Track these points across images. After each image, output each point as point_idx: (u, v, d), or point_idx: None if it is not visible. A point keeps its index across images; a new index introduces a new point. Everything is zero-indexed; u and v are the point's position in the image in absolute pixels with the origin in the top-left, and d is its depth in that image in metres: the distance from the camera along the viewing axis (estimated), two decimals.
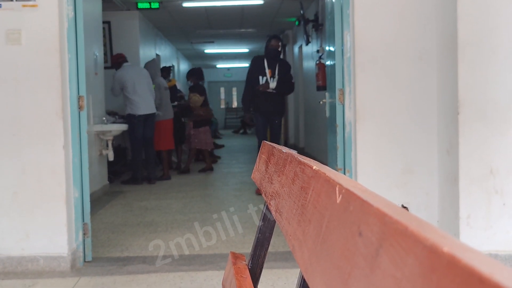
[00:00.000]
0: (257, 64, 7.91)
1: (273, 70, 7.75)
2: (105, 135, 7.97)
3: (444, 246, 0.51)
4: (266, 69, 7.76)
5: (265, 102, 7.78)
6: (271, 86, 7.72)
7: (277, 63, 7.82)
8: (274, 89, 7.74)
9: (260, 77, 7.78)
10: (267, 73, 7.74)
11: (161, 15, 12.19)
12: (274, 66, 7.77)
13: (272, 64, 7.78)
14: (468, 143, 3.92)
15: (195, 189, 8.35)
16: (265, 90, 7.71)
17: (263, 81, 7.75)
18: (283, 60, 8.20)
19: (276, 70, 7.76)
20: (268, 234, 1.78)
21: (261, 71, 7.79)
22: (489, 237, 3.96)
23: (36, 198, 4.22)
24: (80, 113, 4.41)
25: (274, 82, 7.72)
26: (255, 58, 8.15)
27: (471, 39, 3.90)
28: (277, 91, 7.78)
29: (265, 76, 7.75)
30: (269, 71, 7.74)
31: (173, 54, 17.80)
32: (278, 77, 7.73)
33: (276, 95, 7.83)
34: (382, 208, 0.66)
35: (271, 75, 7.72)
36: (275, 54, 7.88)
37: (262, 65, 7.83)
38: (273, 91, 7.75)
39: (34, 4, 4.17)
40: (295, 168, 1.29)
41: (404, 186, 4.36)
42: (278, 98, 7.91)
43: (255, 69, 7.88)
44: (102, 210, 6.79)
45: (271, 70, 7.74)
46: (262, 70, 7.78)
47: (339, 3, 4.50)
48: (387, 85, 4.34)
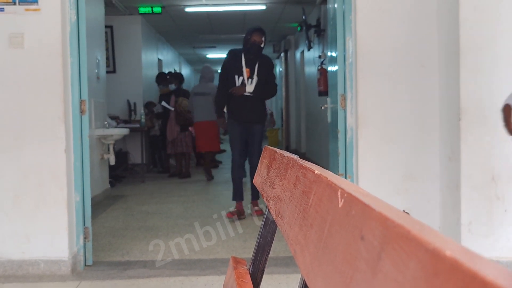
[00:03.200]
0: (233, 60, 6.50)
1: (252, 70, 6.38)
2: (107, 139, 7.97)
3: (446, 250, 0.50)
4: (244, 67, 6.39)
5: (241, 107, 6.40)
6: (248, 90, 6.35)
7: (257, 61, 6.42)
8: (251, 93, 6.37)
9: (236, 76, 6.40)
10: (244, 73, 6.38)
11: (164, 20, 12.21)
12: (253, 65, 6.40)
13: (251, 62, 6.41)
14: (470, 149, 3.92)
15: (196, 193, 8.35)
16: (239, 94, 6.37)
17: (239, 82, 6.40)
18: (264, 57, 6.59)
19: (255, 70, 6.39)
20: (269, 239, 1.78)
21: (237, 69, 6.40)
22: (491, 244, 3.96)
23: (37, 202, 4.22)
24: (82, 117, 4.41)
25: (251, 85, 6.36)
26: (232, 52, 6.61)
27: (473, 45, 3.90)
28: (254, 95, 6.39)
29: (242, 76, 6.39)
30: (246, 71, 6.38)
31: (175, 58, 17.83)
32: (258, 78, 6.37)
33: (254, 100, 6.42)
34: (384, 212, 0.66)
35: (249, 76, 6.38)
36: (256, 51, 6.41)
37: (239, 62, 6.43)
38: (250, 95, 6.38)
39: (37, 8, 4.17)
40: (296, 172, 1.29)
41: (406, 192, 4.35)
42: (256, 103, 6.45)
43: (231, 66, 6.47)
44: (103, 214, 6.78)
45: (250, 70, 6.38)
46: (239, 68, 6.40)
47: (341, 9, 4.50)
48: (389, 91, 4.34)
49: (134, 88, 11.18)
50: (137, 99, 11.13)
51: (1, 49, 4.19)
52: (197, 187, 9.06)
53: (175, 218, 6.46)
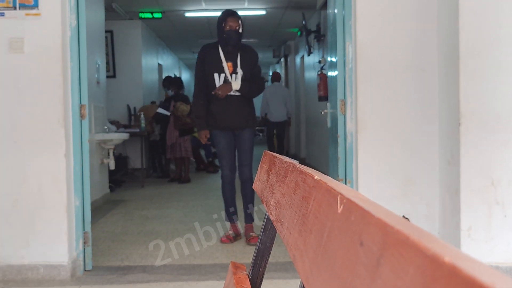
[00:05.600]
0: (209, 56, 5.40)
1: (234, 63, 5.35)
2: (107, 144, 7.98)
3: (445, 256, 0.51)
4: (224, 62, 5.34)
5: (225, 111, 5.34)
6: (234, 87, 5.29)
7: (238, 52, 5.39)
8: (238, 91, 5.33)
9: (215, 74, 5.33)
10: (225, 68, 5.32)
11: (164, 25, 12.24)
12: (234, 57, 5.37)
13: (231, 55, 5.37)
14: (470, 154, 3.92)
15: (196, 198, 8.35)
16: (225, 94, 5.29)
17: (220, 81, 5.34)
18: (246, 46, 5.57)
19: (238, 62, 5.36)
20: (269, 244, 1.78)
21: (216, 65, 5.34)
22: (491, 249, 3.95)
23: (37, 206, 4.22)
24: (82, 122, 4.41)
25: (237, 80, 5.31)
26: (205, 48, 5.55)
27: (473, 50, 3.91)
28: (242, 93, 5.35)
29: (223, 73, 5.33)
30: (228, 65, 5.33)
31: (175, 63, 17.86)
32: (243, 72, 5.35)
33: (241, 99, 5.37)
34: (383, 218, 0.66)
35: (231, 71, 5.33)
36: (235, 39, 5.34)
37: (216, 57, 5.37)
38: (236, 94, 5.34)
39: (37, 12, 4.18)
40: (296, 178, 1.29)
41: (405, 197, 4.35)
42: (244, 103, 5.40)
43: (207, 64, 5.37)
44: (103, 219, 6.78)
45: (232, 63, 5.35)
46: (218, 64, 5.33)
47: (341, 14, 4.51)
48: (388, 96, 4.35)
49: (134, 93, 11.20)
50: (137, 104, 11.14)
51: (1, 54, 4.19)
52: (197, 192, 9.06)
53: (174, 222, 6.46)
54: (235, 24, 5.32)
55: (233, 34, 5.30)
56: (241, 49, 5.42)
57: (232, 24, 5.30)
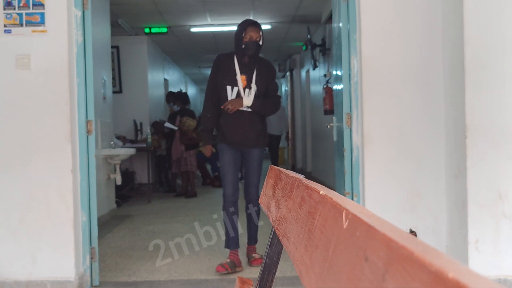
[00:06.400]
0: (224, 67, 5.04)
1: (249, 77, 4.99)
2: (113, 159, 7.99)
3: (449, 272, 0.51)
4: (238, 74, 4.98)
5: (235, 127, 4.97)
6: (245, 103, 4.93)
7: (254, 66, 5.02)
8: (250, 107, 4.96)
9: (228, 87, 4.98)
10: (239, 82, 4.96)
11: (169, 40, 12.29)
12: (250, 71, 5.00)
13: (248, 68, 5.01)
14: (476, 167, 3.91)
15: (202, 213, 8.34)
16: (235, 109, 4.94)
17: (233, 94, 4.98)
18: (264, 61, 5.20)
19: (253, 77, 4.99)
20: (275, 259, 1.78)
21: (230, 77, 4.98)
22: (499, 262, 3.93)
23: (44, 222, 4.22)
24: (88, 137, 4.43)
25: (249, 96, 4.94)
26: (221, 57, 5.15)
27: (478, 63, 3.91)
28: (254, 109, 4.98)
29: (237, 86, 4.97)
30: (242, 78, 4.97)
31: (181, 78, 17.91)
32: (257, 88, 4.98)
33: (252, 116, 4.99)
34: (388, 234, 0.66)
35: (245, 85, 4.96)
36: (254, 51, 4.98)
37: (231, 68, 5.01)
38: (247, 110, 4.97)
39: (44, 29, 4.21)
40: (302, 193, 1.29)
41: (412, 211, 4.34)
42: (256, 120, 5.02)
43: (221, 75, 5.02)
44: (110, 234, 6.78)
45: (246, 77, 4.98)
46: (232, 76, 4.98)
47: (346, 28, 4.52)
48: (394, 110, 4.35)
49: (141, 108, 11.23)
50: (143, 119, 11.17)
51: (9, 71, 4.22)
52: (203, 206, 9.05)
53: (181, 237, 6.44)
54: (256, 34, 4.98)
55: (253, 45, 4.94)
56: (258, 63, 5.05)
57: (253, 34, 4.96)
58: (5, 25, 4.21)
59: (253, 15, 10.27)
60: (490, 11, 3.93)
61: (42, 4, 4.20)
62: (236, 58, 5.00)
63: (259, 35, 4.99)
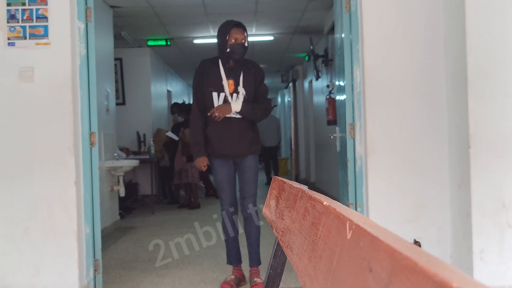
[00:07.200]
0: (208, 73, 4.68)
1: (236, 81, 4.64)
2: (117, 171, 7.99)
3: (453, 282, 0.51)
4: (224, 79, 4.62)
5: (225, 136, 4.62)
6: (234, 108, 4.56)
7: (241, 69, 4.67)
8: (239, 113, 4.60)
9: (214, 93, 4.61)
10: (225, 87, 4.61)
11: (172, 52, 12.32)
12: (237, 74, 4.65)
13: (234, 71, 4.65)
14: (480, 177, 3.90)
15: (206, 224, 8.33)
16: (223, 116, 4.55)
17: (219, 101, 4.61)
18: (250, 62, 4.83)
19: (240, 81, 4.64)
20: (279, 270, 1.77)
21: (215, 83, 4.62)
22: (503, 272, 3.92)
23: (47, 234, 4.22)
24: (92, 149, 4.44)
25: (238, 102, 4.58)
26: (204, 63, 4.78)
27: (481, 72, 3.92)
28: (243, 116, 4.61)
29: (223, 92, 4.61)
30: (229, 83, 4.62)
31: (184, 89, 17.94)
32: (246, 92, 4.63)
33: (242, 123, 4.63)
34: (392, 244, 0.66)
35: (232, 90, 4.61)
36: (240, 54, 4.59)
37: (216, 74, 4.65)
38: (236, 116, 4.61)
39: (47, 42, 4.23)
40: (305, 203, 1.29)
41: (416, 221, 4.33)
42: (246, 126, 4.66)
43: (206, 81, 4.66)
44: (113, 246, 6.77)
45: (233, 81, 4.63)
46: (218, 82, 4.62)
47: (349, 38, 4.53)
48: (397, 119, 4.35)
49: (144, 120, 11.25)
50: (146, 131, 11.19)
51: (12, 83, 4.24)
52: (207, 218, 9.04)
53: (185, 248, 6.43)
54: (241, 36, 4.57)
55: (238, 47, 4.55)
56: (245, 65, 4.69)
57: (238, 36, 4.56)
58: (9, 38, 4.23)
59: (256, 26, 10.30)
60: (492, 20, 3.93)
61: (45, 17, 4.22)
62: (220, 63, 4.65)
63: (244, 36, 4.60)
